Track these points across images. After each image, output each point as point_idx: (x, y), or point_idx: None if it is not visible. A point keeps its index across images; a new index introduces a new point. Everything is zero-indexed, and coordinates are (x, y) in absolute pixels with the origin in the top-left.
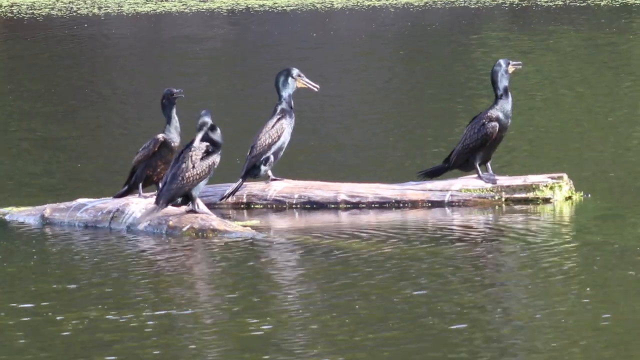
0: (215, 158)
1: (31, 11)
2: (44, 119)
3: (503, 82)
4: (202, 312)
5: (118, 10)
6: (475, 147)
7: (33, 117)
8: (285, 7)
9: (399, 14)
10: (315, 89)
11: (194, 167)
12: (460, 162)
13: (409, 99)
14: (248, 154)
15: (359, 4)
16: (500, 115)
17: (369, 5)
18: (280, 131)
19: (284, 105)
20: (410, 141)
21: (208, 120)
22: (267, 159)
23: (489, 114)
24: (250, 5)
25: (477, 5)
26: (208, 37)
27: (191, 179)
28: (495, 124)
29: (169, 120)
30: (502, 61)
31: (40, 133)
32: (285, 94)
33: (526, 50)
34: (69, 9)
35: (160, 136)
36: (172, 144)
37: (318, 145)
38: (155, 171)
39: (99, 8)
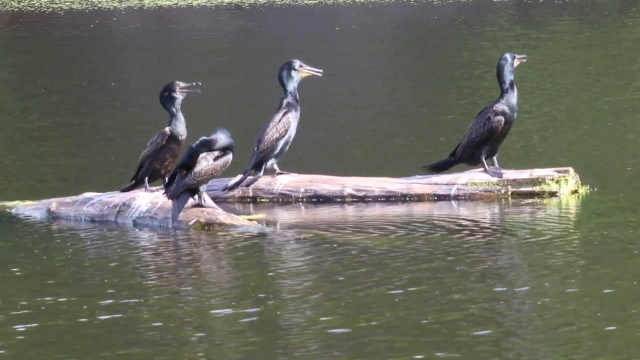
0: (229, 158)
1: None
2: (51, 114)
3: (509, 76)
4: (208, 305)
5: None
6: (481, 141)
7: (39, 111)
8: (291, 2)
9: (404, 8)
10: (320, 74)
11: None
12: (467, 156)
13: (415, 92)
14: (255, 148)
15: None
16: (506, 109)
17: (373, 0)
18: (287, 125)
19: (289, 98)
20: (416, 135)
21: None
22: (276, 153)
23: (494, 107)
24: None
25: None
26: (216, 31)
27: (203, 175)
28: (501, 117)
29: (174, 114)
30: (507, 55)
31: (46, 127)
32: (290, 87)
33: (531, 44)
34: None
35: (167, 129)
36: (180, 137)
37: (324, 138)
38: (162, 164)
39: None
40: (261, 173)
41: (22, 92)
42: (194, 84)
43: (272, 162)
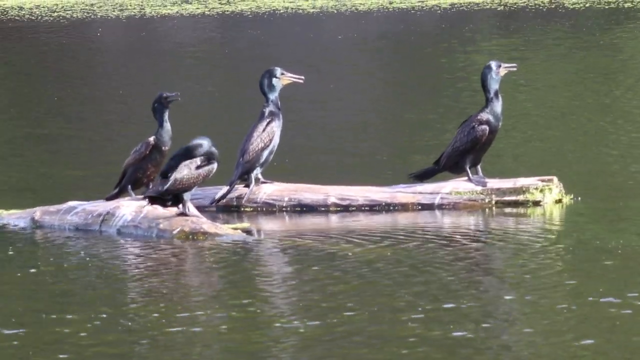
0: (213, 167)
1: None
2: (34, 122)
3: (493, 85)
4: (190, 314)
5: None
6: (466, 150)
7: (23, 119)
8: (275, 11)
9: (388, 17)
10: (301, 81)
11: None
12: (451, 165)
13: (398, 101)
14: (240, 158)
15: (349, 7)
16: (491, 118)
17: (358, 9)
18: (271, 135)
19: (271, 107)
20: (400, 143)
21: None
22: (261, 163)
23: (479, 117)
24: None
25: (467, 9)
26: (200, 41)
27: (185, 182)
28: (485, 127)
29: (161, 124)
30: (492, 63)
31: (30, 136)
32: (272, 95)
33: (516, 53)
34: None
35: (152, 139)
36: (163, 148)
37: (308, 147)
38: (145, 174)
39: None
40: (253, 184)
41: (4, 102)
42: (174, 94)
43: (257, 172)
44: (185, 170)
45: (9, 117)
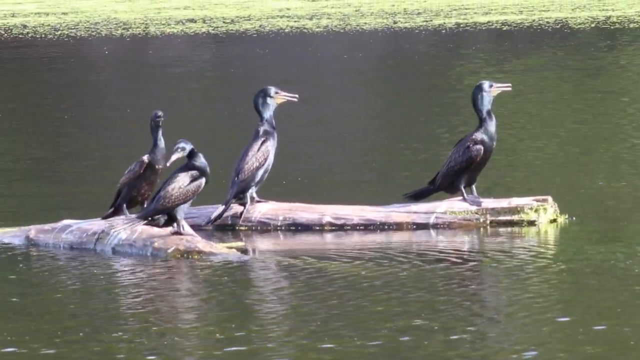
0: (201, 182)
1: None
2: (29, 140)
3: (486, 105)
4: (184, 333)
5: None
6: (460, 170)
7: (18, 138)
8: (280, 30)
9: (383, 36)
10: (295, 100)
11: (179, 189)
12: (446, 185)
13: (394, 120)
14: (235, 177)
15: (343, 27)
16: (485, 138)
17: (353, 29)
18: (266, 154)
19: (266, 126)
20: (395, 163)
21: (185, 145)
22: (256, 182)
23: (473, 136)
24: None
25: (472, 28)
26: (194, 59)
27: (173, 199)
28: (480, 146)
29: (155, 142)
30: (484, 83)
31: (26, 154)
32: (266, 114)
33: (511, 72)
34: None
35: (145, 158)
36: (157, 166)
37: (302, 166)
38: (139, 192)
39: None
40: (249, 203)
41: (5, 120)
42: (161, 113)
43: (252, 191)
44: (176, 187)
45: (2, 136)
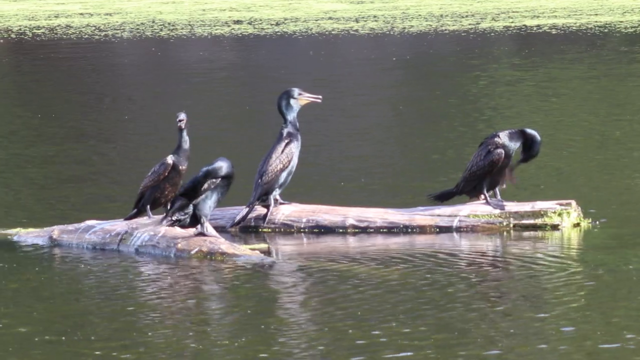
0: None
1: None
2: (53, 141)
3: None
4: (208, 335)
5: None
6: (482, 174)
7: (42, 138)
8: (292, 32)
9: (407, 39)
10: (319, 100)
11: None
12: (469, 189)
13: (417, 123)
14: (259, 180)
15: (366, 30)
16: (507, 142)
17: (376, 31)
18: (290, 156)
19: (289, 128)
20: (419, 165)
21: (228, 170)
22: (280, 184)
23: (495, 140)
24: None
25: (488, 32)
26: (223, 62)
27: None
28: (501, 150)
29: (179, 144)
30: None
31: (50, 154)
32: (290, 116)
33: (533, 76)
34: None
35: (169, 159)
36: (181, 167)
37: (326, 168)
38: (163, 194)
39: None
40: (273, 205)
41: (25, 119)
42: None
43: (275, 193)
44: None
45: (26, 136)
